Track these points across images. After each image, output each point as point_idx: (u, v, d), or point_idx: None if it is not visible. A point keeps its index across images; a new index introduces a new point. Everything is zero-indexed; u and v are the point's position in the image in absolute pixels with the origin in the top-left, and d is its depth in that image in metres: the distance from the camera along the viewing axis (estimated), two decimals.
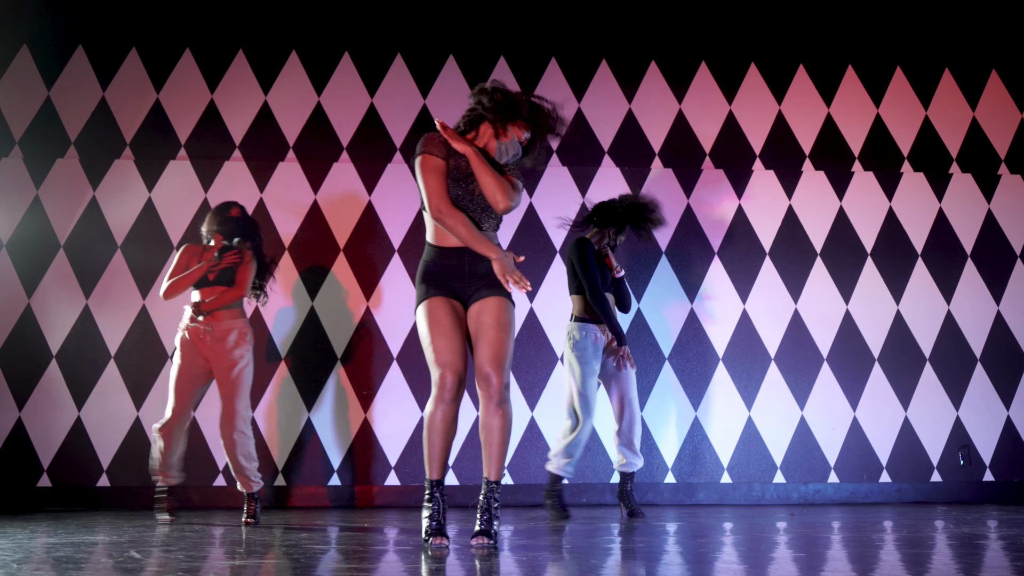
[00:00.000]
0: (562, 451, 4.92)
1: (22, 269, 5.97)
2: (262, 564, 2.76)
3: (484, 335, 3.27)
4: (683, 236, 6.30)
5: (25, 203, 6.05)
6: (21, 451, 5.75)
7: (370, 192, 6.21)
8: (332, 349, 5.99)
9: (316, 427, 5.90)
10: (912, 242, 6.41)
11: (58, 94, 6.23)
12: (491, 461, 3.24)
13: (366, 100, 6.35)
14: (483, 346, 3.25)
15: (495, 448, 3.23)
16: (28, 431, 5.78)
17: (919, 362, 6.26)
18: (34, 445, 5.76)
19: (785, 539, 3.45)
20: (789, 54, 6.64)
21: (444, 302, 3.32)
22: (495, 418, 3.21)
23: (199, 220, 6.03)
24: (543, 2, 6.39)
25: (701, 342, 6.17)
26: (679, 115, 6.51)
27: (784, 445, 6.08)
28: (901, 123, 6.63)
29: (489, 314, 3.30)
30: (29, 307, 5.92)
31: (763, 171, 6.45)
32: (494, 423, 3.21)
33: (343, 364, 5.98)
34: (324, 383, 5.96)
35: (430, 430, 3.25)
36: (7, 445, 5.75)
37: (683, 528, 4.04)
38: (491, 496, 3.25)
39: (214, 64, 6.34)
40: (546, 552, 3.07)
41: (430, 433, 3.25)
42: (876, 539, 3.37)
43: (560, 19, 6.51)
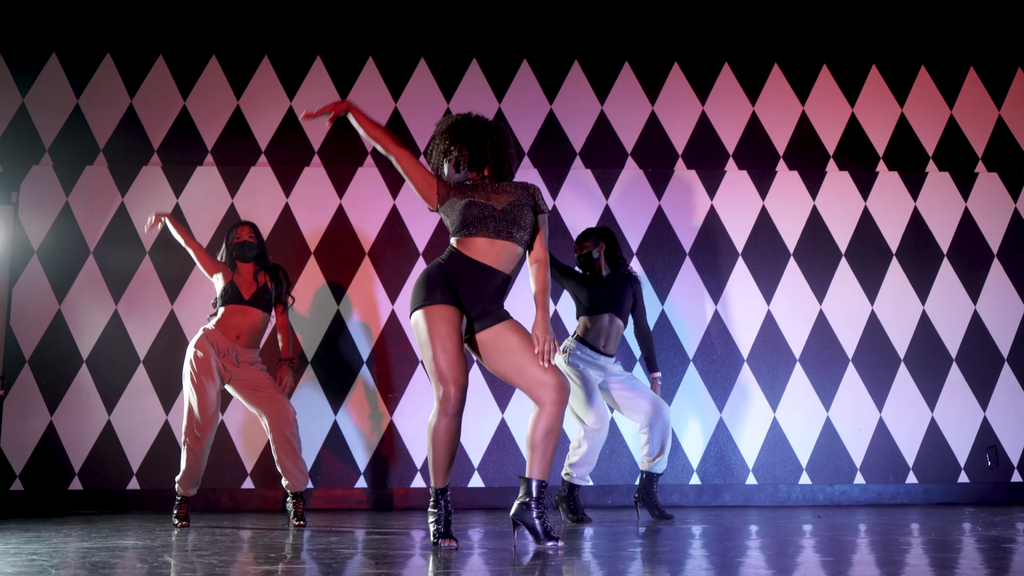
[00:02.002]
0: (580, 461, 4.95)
1: (53, 275, 6.05)
2: (295, 568, 2.80)
3: (523, 353, 3.26)
4: (707, 238, 6.31)
5: (55, 210, 6.14)
6: (53, 455, 5.84)
7: (395, 196, 6.25)
8: (358, 352, 6.04)
9: (342, 430, 5.95)
10: (937, 242, 6.38)
11: (87, 102, 6.31)
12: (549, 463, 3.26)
13: (390, 104, 6.40)
14: (528, 363, 3.25)
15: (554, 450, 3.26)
16: (60, 435, 5.86)
17: (945, 362, 6.23)
18: (65, 449, 5.85)
19: (812, 542, 3.45)
20: (812, 54, 6.63)
21: (450, 311, 3.27)
22: (559, 420, 3.22)
23: (225, 225, 6.12)
24: (565, 6, 6.40)
25: (726, 343, 6.17)
26: (702, 117, 6.51)
27: (810, 446, 6.07)
28: (926, 122, 6.60)
29: (513, 334, 3.28)
30: (60, 312, 6.01)
31: (787, 172, 6.44)
32: (558, 425, 3.22)
33: (368, 367, 6.03)
34: (350, 386, 6.00)
35: (435, 442, 3.27)
36: (39, 449, 5.84)
37: (709, 531, 4.05)
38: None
39: (240, 71, 6.41)
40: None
41: (435, 445, 3.27)
42: (903, 542, 3.37)
43: (582, 22, 6.52)
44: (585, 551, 3.23)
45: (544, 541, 3.17)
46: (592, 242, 5.15)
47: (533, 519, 3.19)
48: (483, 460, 5.95)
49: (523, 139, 6.39)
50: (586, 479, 4.96)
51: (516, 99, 6.45)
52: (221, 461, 5.88)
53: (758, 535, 3.76)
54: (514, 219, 3.40)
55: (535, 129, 6.41)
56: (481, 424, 5.99)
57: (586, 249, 5.14)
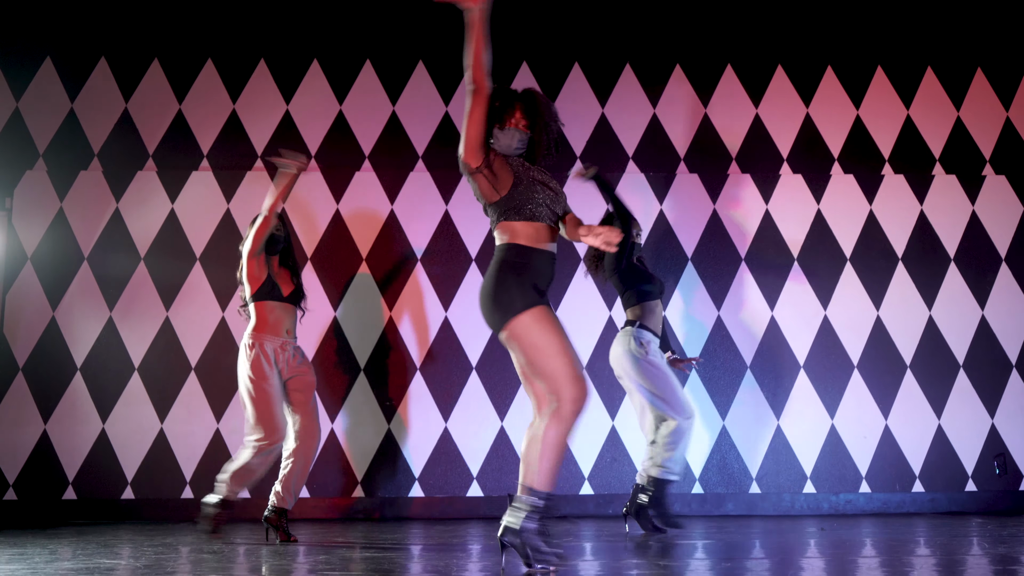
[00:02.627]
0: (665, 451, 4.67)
1: (47, 281, 5.98)
2: None
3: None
4: (709, 242, 6.21)
5: (50, 215, 6.06)
6: (47, 464, 5.77)
7: (392, 202, 6.17)
8: (355, 359, 5.96)
9: (339, 437, 5.87)
10: (944, 246, 6.28)
11: (82, 106, 6.24)
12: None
13: (388, 107, 6.32)
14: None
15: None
16: (54, 444, 5.79)
17: (952, 369, 6.13)
18: (59, 458, 5.77)
19: (819, 564, 3.36)
20: (816, 56, 6.53)
21: (549, 308, 3.13)
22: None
23: (222, 231, 6.05)
24: (565, 8, 6.31)
25: (728, 350, 6.08)
26: (704, 119, 6.42)
27: (814, 454, 5.97)
28: (932, 125, 6.50)
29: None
30: (54, 319, 5.94)
31: (791, 175, 6.34)
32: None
33: (366, 374, 5.95)
34: (347, 393, 5.92)
35: (559, 450, 3.01)
36: (33, 458, 5.77)
37: (710, 547, 3.96)
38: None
39: (236, 74, 6.33)
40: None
41: (559, 453, 3.01)
42: (907, 563, 3.28)
43: (583, 24, 6.43)
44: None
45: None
46: (638, 226, 4.97)
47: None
48: (481, 469, 5.86)
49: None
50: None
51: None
52: (217, 471, 5.78)
53: (758, 554, 3.67)
54: (562, 204, 3.33)
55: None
56: (480, 432, 5.90)
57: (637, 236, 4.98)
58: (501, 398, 5.95)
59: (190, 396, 5.89)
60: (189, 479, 5.78)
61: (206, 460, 5.80)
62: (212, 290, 6.00)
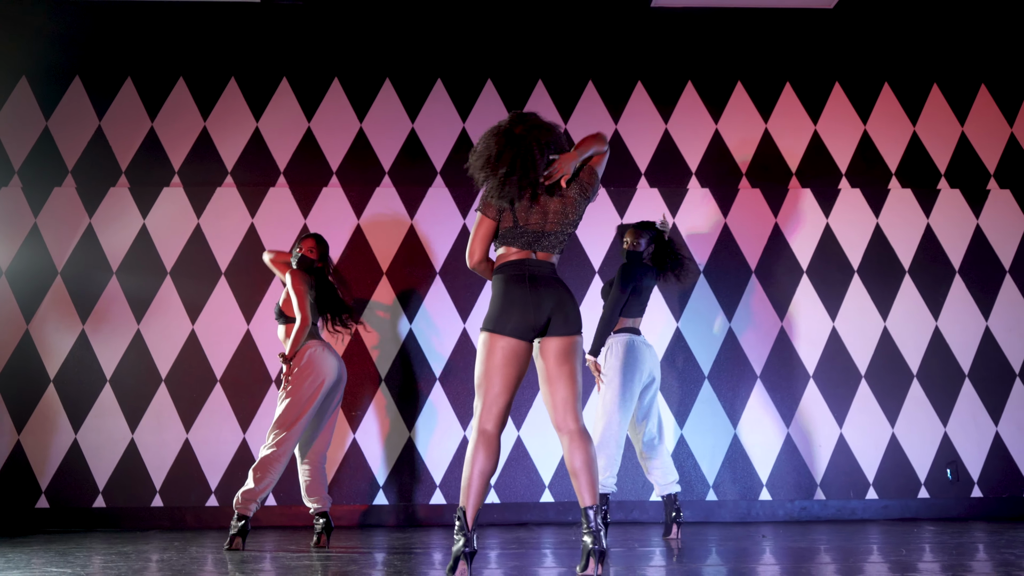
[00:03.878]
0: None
1: (21, 295, 6.14)
2: None
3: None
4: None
5: (24, 231, 6.22)
6: (20, 473, 5.92)
7: (358, 216, 6.33)
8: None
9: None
10: (900, 259, 6.43)
11: (56, 124, 6.40)
12: None
13: (355, 124, 6.47)
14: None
15: None
16: (27, 453, 5.94)
17: (906, 379, 6.27)
18: (32, 467, 5.93)
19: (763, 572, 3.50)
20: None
21: None
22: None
23: (192, 246, 6.21)
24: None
25: (687, 360, 6.22)
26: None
27: (770, 462, 6.11)
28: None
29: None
30: (28, 332, 6.10)
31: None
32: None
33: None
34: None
35: None
36: (6, 467, 5.92)
37: (666, 553, 4.10)
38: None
39: (206, 92, 6.49)
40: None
41: None
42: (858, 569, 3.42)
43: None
44: None
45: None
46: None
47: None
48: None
49: None
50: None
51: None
52: (186, 479, 5.95)
53: (714, 560, 3.81)
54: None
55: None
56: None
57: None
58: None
59: (160, 407, 6.04)
60: (159, 488, 5.93)
61: (175, 469, 5.95)
62: (182, 304, 6.16)
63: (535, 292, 3.35)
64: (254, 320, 6.15)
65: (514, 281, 3.38)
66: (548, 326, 3.35)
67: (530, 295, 3.34)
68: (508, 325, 3.31)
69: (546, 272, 3.42)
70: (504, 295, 3.36)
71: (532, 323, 3.33)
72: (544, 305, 3.34)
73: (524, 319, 3.32)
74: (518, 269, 3.41)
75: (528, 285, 3.36)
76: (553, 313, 3.35)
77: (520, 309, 3.32)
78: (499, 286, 3.40)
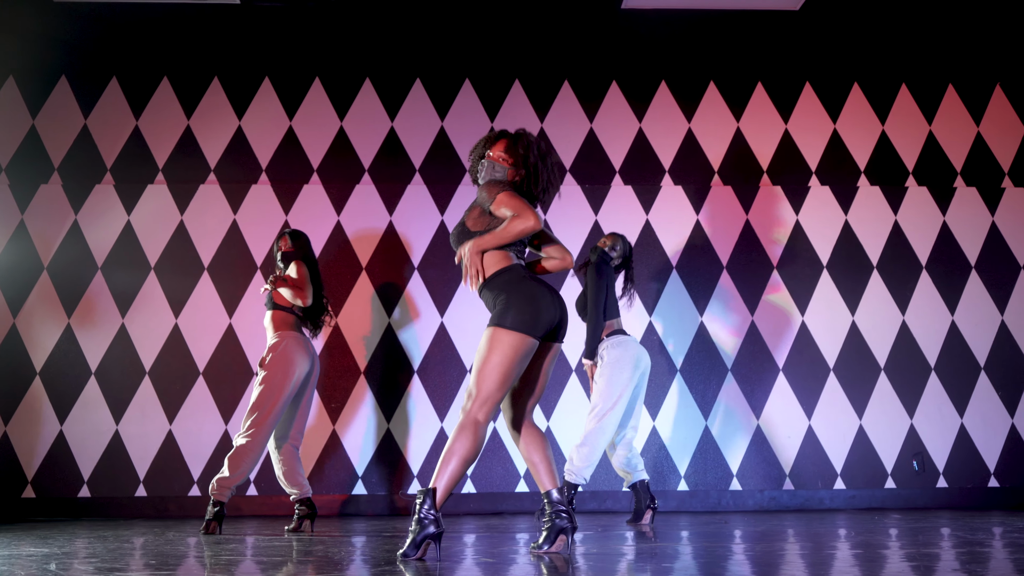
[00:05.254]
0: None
1: (8, 290, 6.28)
2: None
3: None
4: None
5: (11, 228, 6.36)
6: (6, 463, 6.06)
7: (339, 213, 6.47)
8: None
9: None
10: (868, 254, 6.58)
11: (42, 122, 6.54)
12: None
13: (336, 123, 6.61)
14: None
15: None
16: (13, 444, 6.08)
17: (874, 371, 6.42)
18: (19, 458, 6.07)
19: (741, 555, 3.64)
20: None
21: None
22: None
23: (175, 242, 6.35)
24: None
25: (660, 352, 6.37)
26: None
27: (740, 453, 6.26)
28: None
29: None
30: (14, 327, 6.23)
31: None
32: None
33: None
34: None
35: None
36: None
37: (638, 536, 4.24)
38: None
39: (190, 91, 6.63)
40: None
41: None
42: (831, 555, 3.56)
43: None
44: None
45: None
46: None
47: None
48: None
49: None
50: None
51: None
52: (168, 469, 6.09)
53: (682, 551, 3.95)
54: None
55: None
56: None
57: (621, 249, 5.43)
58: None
59: (144, 399, 6.18)
60: (143, 478, 6.07)
61: (159, 460, 6.09)
62: (166, 298, 6.30)
63: (551, 293, 3.45)
64: (236, 314, 6.29)
65: (540, 283, 3.46)
66: (554, 331, 3.49)
67: (550, 296, 3.42)
68: (540, 328, 3.37)
69: None
70: (537, 297, 3.37)
71: (551, 324, 3.41)
72: (559, 307, 3.46)
73: (550, 320, 3.40)
74: (528, 270, 3.60)
75: (543, 284, 3.46)
76: (560, 319, 3.47)
77: (549, 313, 3.38)
78: (528, 287, 3.41)
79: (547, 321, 3.37)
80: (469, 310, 6.35)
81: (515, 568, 3.03)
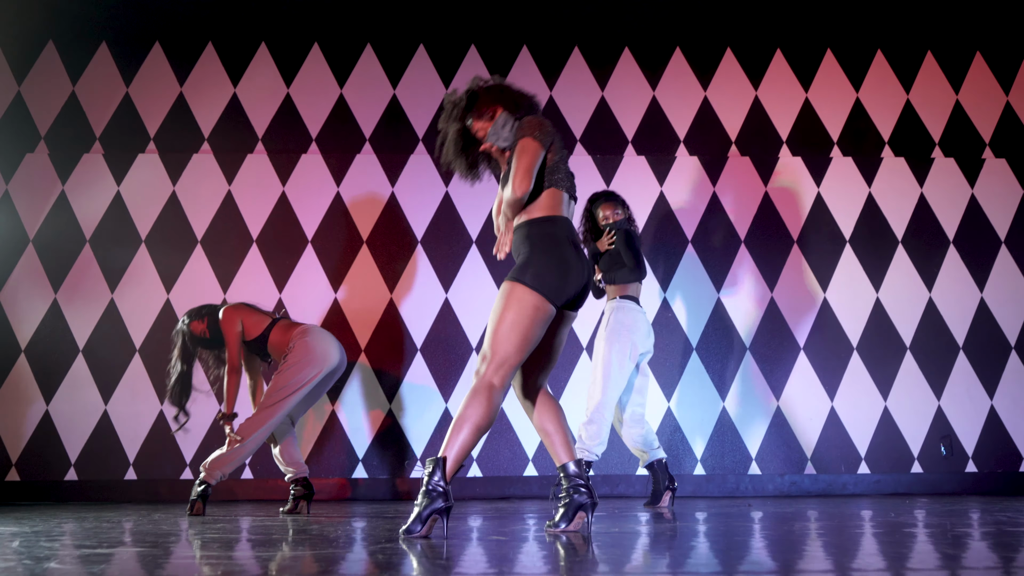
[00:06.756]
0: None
1: None
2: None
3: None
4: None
5: None
6: None
7: (338, 184, 6.18)
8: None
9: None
10: (893, 228, 6.28)
11: (29, 89, 6.25)
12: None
13: (336, 91, 6.32)
14: None
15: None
16: None
17: (899, 351, 6.12)
18: (2, 439, 5.79)
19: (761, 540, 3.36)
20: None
21: None
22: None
23: (167, 214, 6.09)
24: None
25: (674, 331, 6.08)
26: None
27: (759, 436, 5.97)
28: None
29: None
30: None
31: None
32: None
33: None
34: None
35: None
36: None
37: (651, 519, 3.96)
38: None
39: (183, 57, 6.34)
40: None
41: None
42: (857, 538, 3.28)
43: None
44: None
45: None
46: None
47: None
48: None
49: None
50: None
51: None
52: (160, 451, 5.81)
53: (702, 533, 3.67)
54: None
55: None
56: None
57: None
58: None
59: (134, 378, 5.90)
60: (132, 460, 5.79)
61: (150, 442, 5.81)
62: (157, 272, 6.02)
63: (581, 260, 3.10)
64: (231, 289, 6.00)
65: (571, 244, 3.10)
66: (573, 300, 3.13)
67: (580, 264, 3.08)
68: (563, 296, 3.04)
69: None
70: (565, 260, 3.05)
71: (572, 294, 3.08)
72: (585, 277, 3.12)
73: (572, 290, 3.06)
74: (571, 232, 3.16)
75: (576, 251, 3.11)
76: (586, 285, 3.13)
77: (576, 280, 3.05)
78: (557, 247, 3.07)
79: (571, 292, 3.06)
80: (475, 286, 6.06)
81: (528, 547, 2.74)
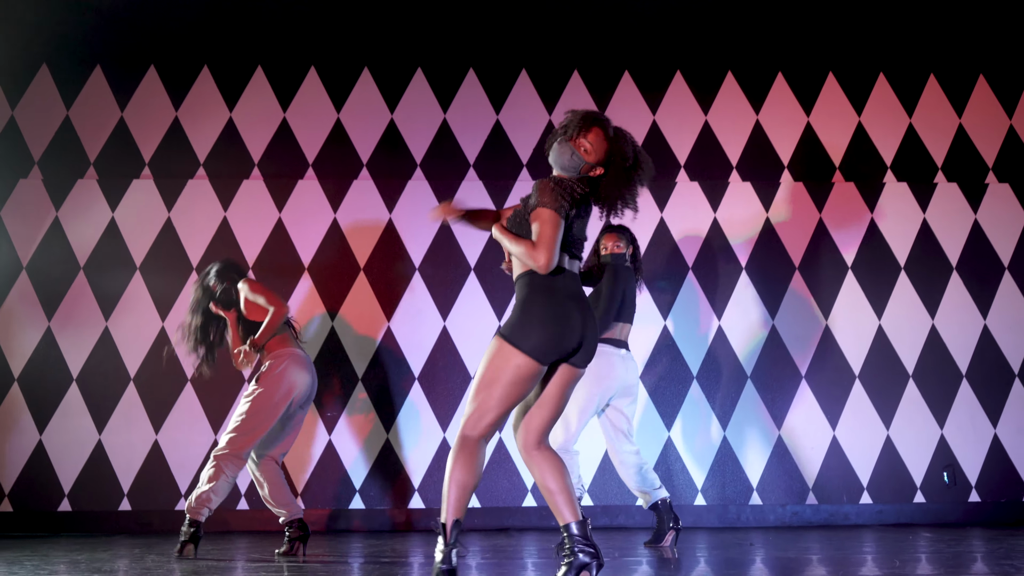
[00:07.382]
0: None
1: None
2: None
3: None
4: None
5: None
6: None
7: (335, 210, 6.12)
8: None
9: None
10: (895, 254, 6.22)
11: (22, 114, 6.19)
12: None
13: (333, 115, 6.26)
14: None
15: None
16: None
17: (902, 378, 6.05)
18: None
19: None
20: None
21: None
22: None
23: (162, 240, 6.02)
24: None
25: (675, 359, 6.01)
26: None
27: (760, 466, 5.90)
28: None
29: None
30: None
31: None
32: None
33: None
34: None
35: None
36: None
37: (653, 562, 3.89)
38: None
39: (179, 81, 6.28)
40: None
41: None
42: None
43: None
44: None
45: None
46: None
47: None
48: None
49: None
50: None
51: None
52: (155, 483, 5.74)
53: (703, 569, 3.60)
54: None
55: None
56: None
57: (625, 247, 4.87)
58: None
59: (129, 406, 5.83)
60: (127, 491, 5.73)
61: (144, 472, 5.75)
62: (152, 299, 5.95)
63: (582, 315, 2.97)
64: None
65: (571, 299, 2.98)
66: (572, 353, 3.00)
67: (578, 320, 2.95)
68: (552, 354, 2.91)
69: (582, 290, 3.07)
70: (558, 318, 2.92)
71: (567, 350, 2.96)
72: (583, 332, 2.98)
73: (567, 347, 2.94)
74: (574, 285, 3.03)
75: (577, 305, 2.98)
76: (584, 341, 2.99)
77: (568, 336, 2.92)
78: (551, 303, 2.95)
79: (565, 348, 2.93)
80: (474, 313, 6.00)
81: None
